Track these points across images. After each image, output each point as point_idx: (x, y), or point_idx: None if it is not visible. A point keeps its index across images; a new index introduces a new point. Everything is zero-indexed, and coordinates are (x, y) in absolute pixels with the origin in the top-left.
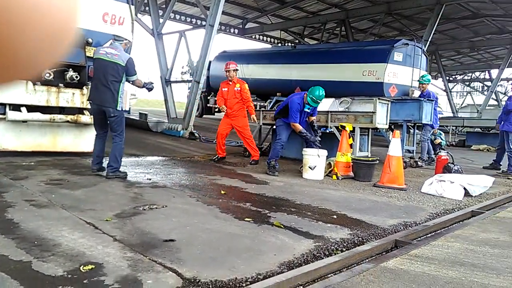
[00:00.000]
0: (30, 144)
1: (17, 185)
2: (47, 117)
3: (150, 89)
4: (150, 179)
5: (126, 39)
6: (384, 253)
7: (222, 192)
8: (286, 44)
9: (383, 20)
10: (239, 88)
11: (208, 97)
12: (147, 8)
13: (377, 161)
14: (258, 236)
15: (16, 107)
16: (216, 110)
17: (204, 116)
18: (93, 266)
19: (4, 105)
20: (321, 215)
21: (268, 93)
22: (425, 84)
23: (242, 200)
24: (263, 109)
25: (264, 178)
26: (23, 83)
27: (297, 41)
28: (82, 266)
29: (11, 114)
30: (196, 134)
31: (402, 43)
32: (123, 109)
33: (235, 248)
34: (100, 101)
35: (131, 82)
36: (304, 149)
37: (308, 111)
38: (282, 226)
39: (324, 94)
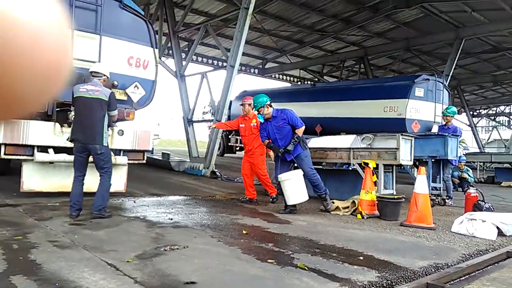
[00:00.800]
0: (56, 185)
1: (41, 226)
2: (73, 158)
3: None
4: (171, 219)
5: (104, 75)
6: None
7: (244, 232)
8: (306, 82)
9: (402, 56)
10: (255, 124)
11: (229, 136)
12: (170, 52)
13: (403, 199)
14: (281, 279)
15: (43, 149)
16: (237, 149)
17: (226, 155)
18: None
19: (32, 146)
20: (347, 256)
21: None
22: (449, 116)
23: (265, 240)
24: None
25: (286, 218)
26: (50, 125)
27: (316, 79)
28: None
29: (39, 156)
30: (218, 173)
31: (422, 78)
32: (109, 145)
33: None
34: (86, 139)
35: (110, 117)
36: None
37: (276, 124)
38: (306, 268)
39: (263, 99)
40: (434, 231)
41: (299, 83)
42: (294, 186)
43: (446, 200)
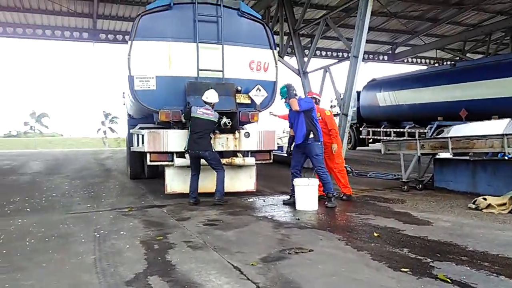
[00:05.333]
0: None
1: (180, 226)
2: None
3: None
4: (298, 219)
5: (212, 103)
6: None
7: (375, 234)
8: (444, 63)
9: None
10: (320, 117)
11: (361, 129)
12: (292, 50)
13: None
14: None
15: (181, 154)
16: (371, 141)
17: (358, 148)
18: None
19: (172, 153)
20: (504, 266)
21: (427, 118)
22: None
23: (399, 244)
24: (420, 137)
25: (426, 218)
26: (185, 133)
27: (457, 58)
28: None
29: (178, 161)
30: (349, 168)
31: None
32: (215, 149)
33: None
34: (199, 149)
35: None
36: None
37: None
38: (449, 281)
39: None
40: None
41: (436, 64)
42: (304, 194)
43: None
